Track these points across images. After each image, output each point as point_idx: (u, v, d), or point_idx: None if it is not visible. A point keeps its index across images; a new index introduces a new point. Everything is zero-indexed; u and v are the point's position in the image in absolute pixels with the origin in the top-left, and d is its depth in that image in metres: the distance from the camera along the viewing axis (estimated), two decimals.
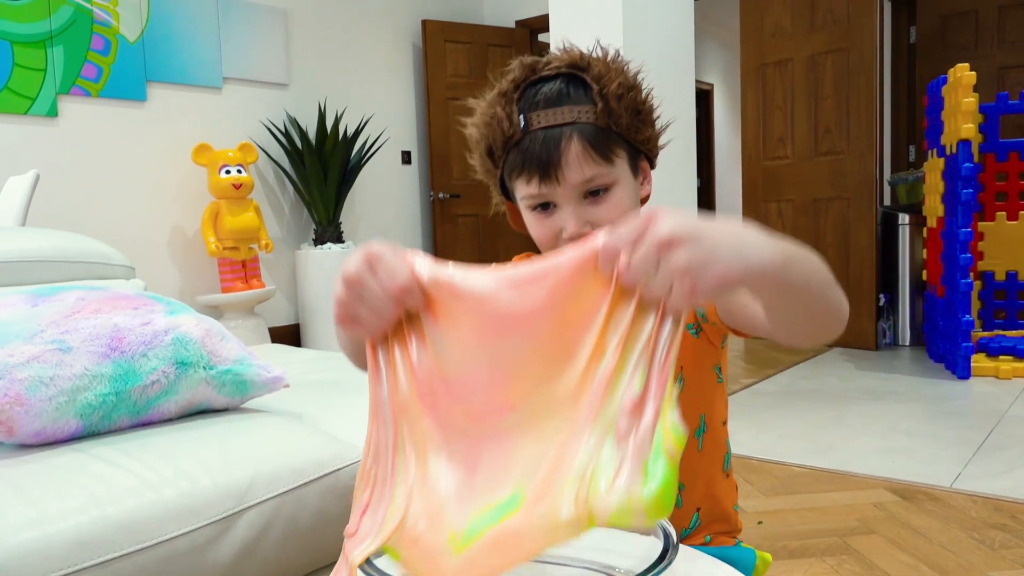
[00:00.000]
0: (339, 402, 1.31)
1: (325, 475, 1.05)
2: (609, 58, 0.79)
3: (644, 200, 0.83)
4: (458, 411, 0.58)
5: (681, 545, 0.57)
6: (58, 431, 1.02)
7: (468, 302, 0.59)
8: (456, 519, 0.52)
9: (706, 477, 0.88)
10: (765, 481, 2.03)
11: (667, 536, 0.53)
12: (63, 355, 1.02)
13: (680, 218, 0.50)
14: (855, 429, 2.48)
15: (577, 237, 0.74)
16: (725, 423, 0.90)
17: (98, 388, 1.03)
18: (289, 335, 4.01)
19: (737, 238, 0.52)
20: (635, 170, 0.79)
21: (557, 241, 0.77)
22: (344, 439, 1.13)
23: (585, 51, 0.79)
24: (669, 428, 0.49)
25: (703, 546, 0.89)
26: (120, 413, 1.07)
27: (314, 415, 1.24)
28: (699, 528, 0.88)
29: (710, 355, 0.86)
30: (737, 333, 0.80)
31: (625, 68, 0.79)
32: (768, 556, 0.92)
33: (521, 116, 0.76)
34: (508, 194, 0.84)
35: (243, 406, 1.24)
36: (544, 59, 0.79)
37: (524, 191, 0.77)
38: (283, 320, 4.03)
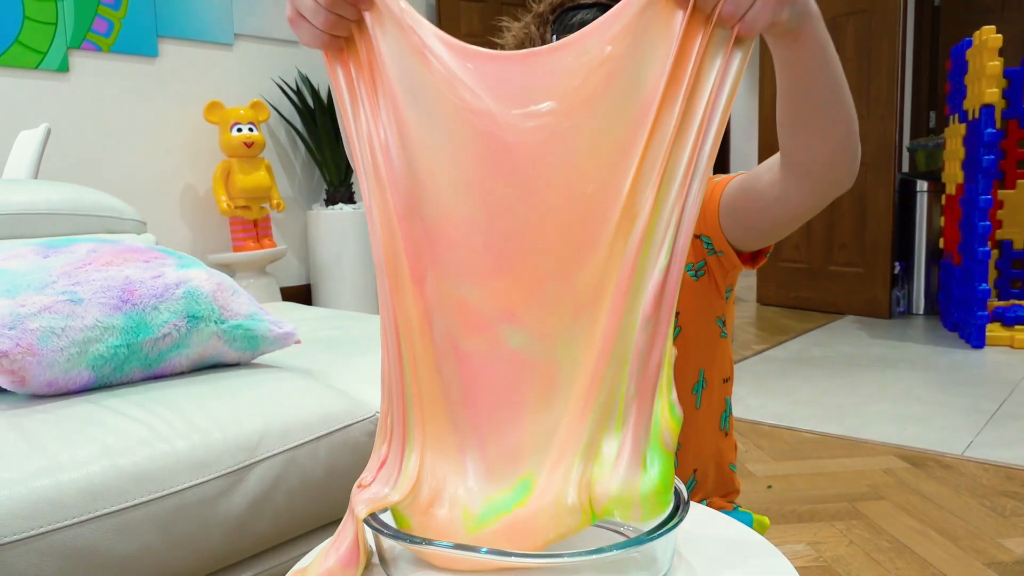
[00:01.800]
0: (350, 359, 1.31)
1: (335, 430, 1.05)
2: None
3: None
4: (451, 300, 0.52)
5: (692, 503, 0.56)
6: (70, 382, 1.02)
7: (460, 95, 0.51)
8: (469, 497, 0.51)
9: (703, 436, 0.87)
10: (775, 446, 2.03)
11: (677, 494, 0.53)
12: (75, 306, 1.02)
13: None
14: (867, 396, 2.47)
15: None
16: (727, 380, 0.89)
17: (110, 340, 1.03)
18: (300, 295, 4.01)
19: None
20: None
21: None
22: (354, 395, 1.13)
23: None
24: (667, 409, 0.49)
25: None
26: (132, 365, 1.07)
27: (325, 371, 1.24)
28: (696, 488, 0.87)
29: (712, 304, 0.84)
30: (741, 260, 0.79)
31: None
32: (766, 519, 0.91)
33: (554, 37, 0.75)
34: None
35: (254, 361, 1.24)
36: None
37: None
38: (294, 280, 4.03)
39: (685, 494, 0.53)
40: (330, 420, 1.05)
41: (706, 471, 0.87)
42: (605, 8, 0.76)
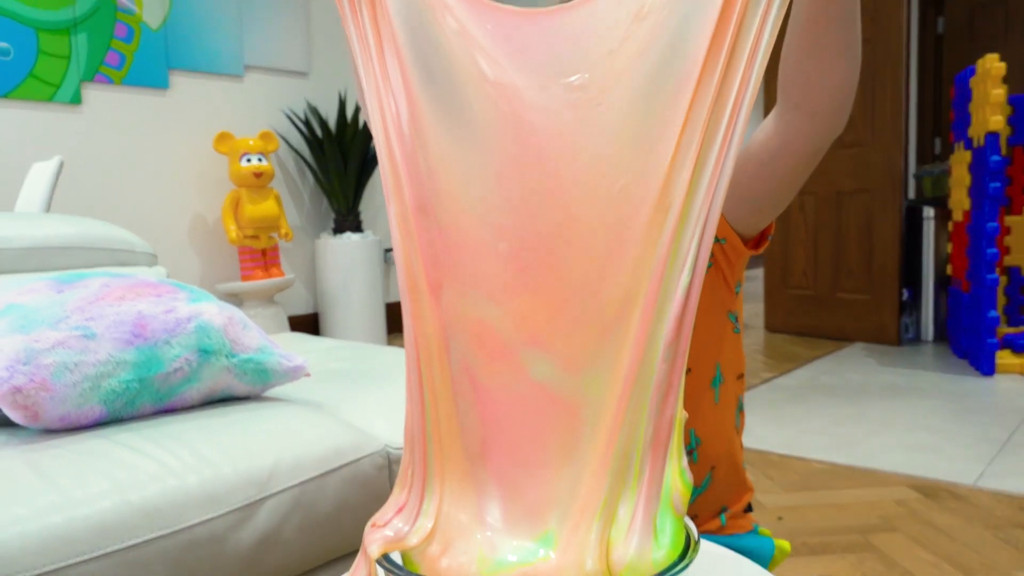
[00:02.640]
0: (358, 391, 1.31)
1: (345, 465, 1.05)
2: None
3: None
4: (467, 320, 0.45)
5: (702, 541, 0.56)
6: (82, 416, 1.02)
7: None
8: (487, 545, 0.49)
9: (721, 433, 0.86)
10: (785, 477, 2.02)
11: (687, 533, 0.52)
12: (88, 341, 1.02)
13: None
14: (877, 425, 2.45)
15: None
16: (740, 377, 0.88)
17: (122, 374, 1.04)
18: (308, 323, 4.02)
19: None
20: None
21: None
22: (363, 429, 1.14)
23: None
24: (677, 474, 0.45)
25: (719, 534, 0.88)
26: (143, 400, 1.07)
27: (334, 404, 1.24)
28: (711, 487, 0.86)
29: (723, 297, 0.84)
30: (746, 246, 0.80)
31: None
32: (786, 545, 0.91)
33: None
34: None
35: (264, 395, 1.25)
36: None
37: None
38: (302, 309, 4.04)
39: (695, 534, 0.52)
40: (340, 454, 1.05)
41: (721, 469, 0.87)
42: None
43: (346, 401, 1.26)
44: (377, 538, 0.54)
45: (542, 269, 0.45)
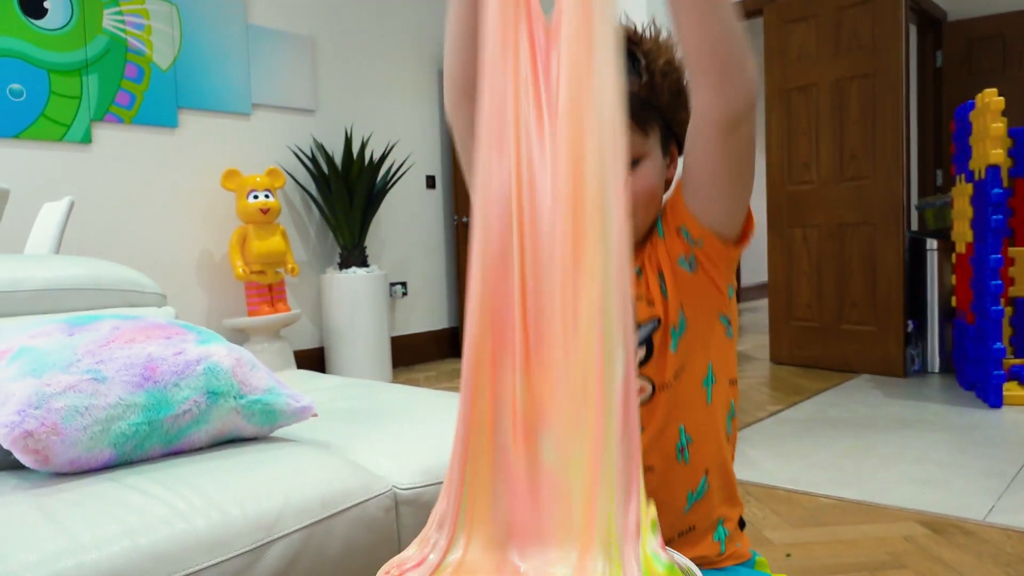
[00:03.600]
0: (366, 431, 1.32)
1: (353, 506, 1.05)
2: (661, 38, 0.81)
3: (668, 182, 0.85)
4: (508, 398, 0.48)
5: None
6: (92, 460, 1.03)
7: None
8: None
9: (713, 434, 0.86)
10: (793, 512, 2.00)
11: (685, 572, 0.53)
12: (98, 385, 1.04)
13: None
14: (884, 459, 2.44)
15: None
16: (734, 382, 0.89)
17: (131, 417, 1.05)
18: (314, 358, 4.03)
19: None
20: (665, 150, 0.83)
21: None
22: (371, 469, 1.14)
23: (640, 27, 0.82)
24: (650, 557, 0.47)
25: (719, 566, 0.87)
26: (152, 442, 1.08)
27: (341, 444, 1.25)
28: (707, 495, 0.86)
29: (713, 298, 0.85)
30: (727, 246, 0.82)
31: (674, 49, 0.81)
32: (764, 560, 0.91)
33: None
34: None
35: (272, 435, 1.26)
36: None
37: None
38: (308, 344, 4.06)
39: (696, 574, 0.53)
40: (347, 496, 1.06)
41: (714, 475, 0.87)
42: None
43: (353, 440, 1.26)
44: None
45: (548, 340, 0.47)
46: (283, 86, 3.92)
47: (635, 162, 0.78)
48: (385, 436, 1.28)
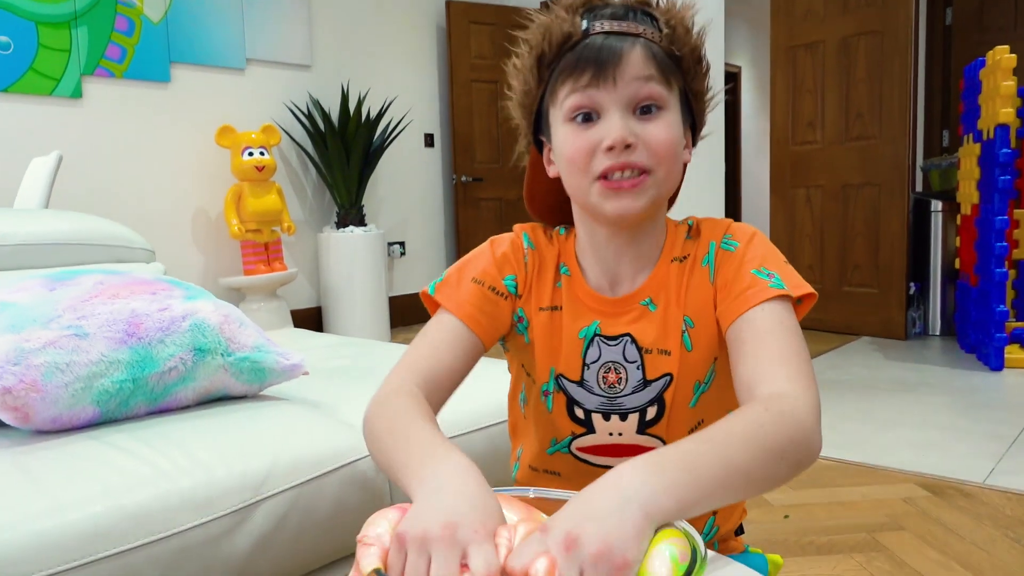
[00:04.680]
0: (358, 390, 1.29)
1: (343, 465, 1.03)
2: (678, 5, 0.74)
3: (684, 166, 0.77)
4: None
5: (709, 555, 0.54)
6: (74, 418, 1.00)
7: None
8: None
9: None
10: None
11: (693, 548, 0.50)
12: (80, 341, 1.01)
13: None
14: (884, 422, 2.43)
15: (620, 146, 0.68)
16: None
17: (115, 374, 1.02)
18: (311, 318, 4.01)
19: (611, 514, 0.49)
20: (684, 121, 0.74)
21: (592, 159, 0.70)
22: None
23: None
24: None
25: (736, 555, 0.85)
26: (137, 400, 1.05)
27: (332, 403, 1.22)
28: (711, 530, 0.83)
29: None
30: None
31: (692, 17, 0.75)
32: (779, 559, 0.88)
33: (584, 21, 0.71)
34: (539, 140, 0.79)
35: (262, 393, 1.23)
36: None
37: (569, 96, 0.70)
38: (305, 303, 4.03)
39: (703, 549, 0.50)
40: (337, 455, 1.03)
41: (723, 513, 0.84)
42: (635, 8, 0.72)
43: (344, 400, 1.24)
44: (372, 552, 0.53)
45: None
46: (278, 40, 3.83)
47: (656, 109, 0.70)
48: None
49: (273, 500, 0.94)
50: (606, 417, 0.78)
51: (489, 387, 1.27)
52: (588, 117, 0.70)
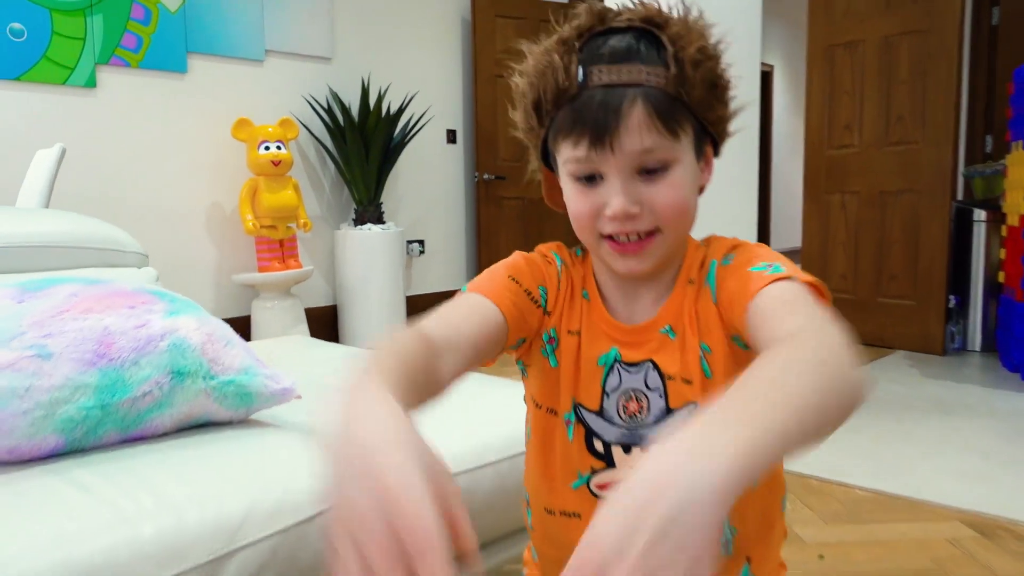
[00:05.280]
0: None
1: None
2: (691, 18, 0.67)
3: (701, 189, 0.72)
4: None
5: None
6: (35, 448, 0.90)
7: None
8: None
9: (761, 519, 0.75)
10: (827, 506, 1.86)
11: None
12: (42, 363, 0.90)
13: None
14: (924, 447, 2.28)
15: (622, 218, 0.65)
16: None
17: (81, 400, 0.92)
18: (327, 317, 3.92)
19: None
20: (699, 153, 0.69)
21: (596, 220, 0.67)
22: None
23: (664, 7, 0.68)
24: None
25: None
26: (107, 428, 0.95)
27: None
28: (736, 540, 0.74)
29: None
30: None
31: (706, 33, 0.66)
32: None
33: (580, 68, 0.64)
34: (549, 161, 0.73)
35: (252, 418, 1.12)
36: (616, 9, 0.67)
37: (569, 155, 0.67)
38: (321, 301, 3.94)
39: None
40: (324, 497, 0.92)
41: (758, 558, 0.75)
42: (640, 32, 0.65)
43: None
44: None
45: None
46: (298, 32, 3.74)
47: (662, 169, 0.65)
48: None
49: (249, 550, 0.84)
50: (626, 450, 0.73)
51: (498, 416, 1.15)
52: (591, 178, 0.67)
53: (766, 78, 7.07)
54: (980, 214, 3.62)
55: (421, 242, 4.35)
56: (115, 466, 0.90)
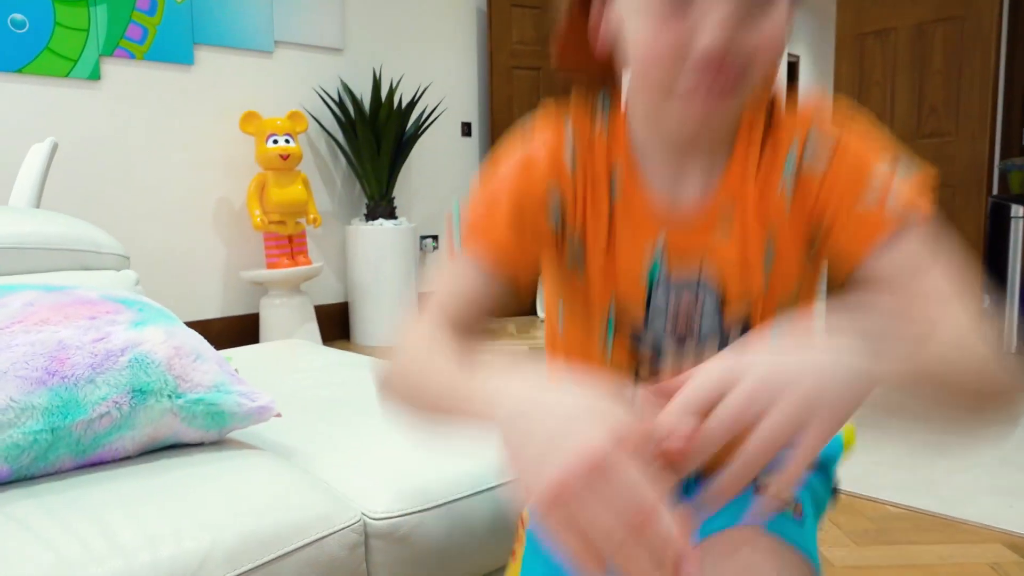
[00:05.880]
0: (345, 432, 1.09)
1: (305, 545, 0.82)
2: None
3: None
4: None
5: None
6: None
7: None
8: None
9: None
10: (856, 523, 1.74)
11: None
12: None
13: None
14: (959, 460, 2.15)
15: (719, 60, 0.52)
16: None
17: (28, 424, 0.83)
18: (337, 314, 3.84)
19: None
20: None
21: (677, 65, 0.54)
22: (338, 490, 0.91)
23: None
24: None
25: None
26: (59, 453, 0.86)
27: (308, 451, 1.02)
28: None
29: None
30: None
31: None
32: (851, 435, 0.84)
33: None
34: None
35: (229, 437, 1.03)
36: None
37: None
38: (331, 298, 3.86)
39: None
40: (299, 531, 0.83)
41: None
42: None
43: (324, 448, 1.03)
44: None
45: None
46: (309, 22, 3.64)
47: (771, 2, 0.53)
48: (369, 441, 1.04)
49: None
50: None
51: (494, 440, 1.05)
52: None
53: (792, 69, 6.90)
54: (1018, 210, 3.46)
55: (435, 237, 4.26)
56: (63, 498, 0.80)
